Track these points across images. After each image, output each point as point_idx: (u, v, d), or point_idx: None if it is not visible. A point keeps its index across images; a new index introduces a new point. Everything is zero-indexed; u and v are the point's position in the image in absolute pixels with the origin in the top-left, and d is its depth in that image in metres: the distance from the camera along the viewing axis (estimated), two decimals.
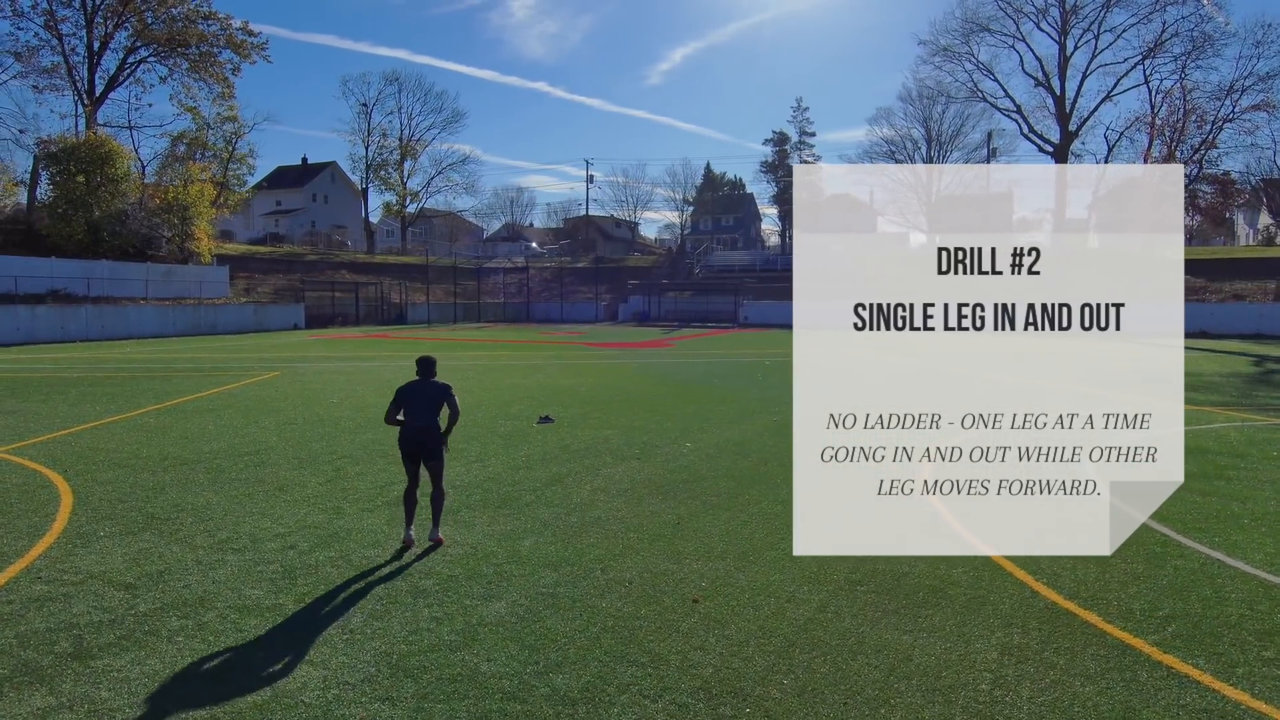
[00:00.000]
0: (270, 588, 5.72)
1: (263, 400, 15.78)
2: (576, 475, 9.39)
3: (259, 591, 5.65)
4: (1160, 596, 5.68)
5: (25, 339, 33.99)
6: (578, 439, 11.69)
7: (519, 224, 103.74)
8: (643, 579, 5.95)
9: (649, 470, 9.66)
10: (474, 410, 14.46)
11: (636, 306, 62.41)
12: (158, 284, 42.66)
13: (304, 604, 5.42)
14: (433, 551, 6.57)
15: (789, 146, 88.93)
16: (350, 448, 10.97)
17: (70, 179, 40.37)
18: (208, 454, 10.50)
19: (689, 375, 21.03)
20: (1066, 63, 54.78)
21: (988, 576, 6.06)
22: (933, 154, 79.84)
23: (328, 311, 52.86)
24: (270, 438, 11.70)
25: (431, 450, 6.57)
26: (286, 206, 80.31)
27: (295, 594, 5.61)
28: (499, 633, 4.99)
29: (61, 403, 15.38)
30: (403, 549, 6.57)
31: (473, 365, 23.92)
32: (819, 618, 5.28)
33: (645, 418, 13.66)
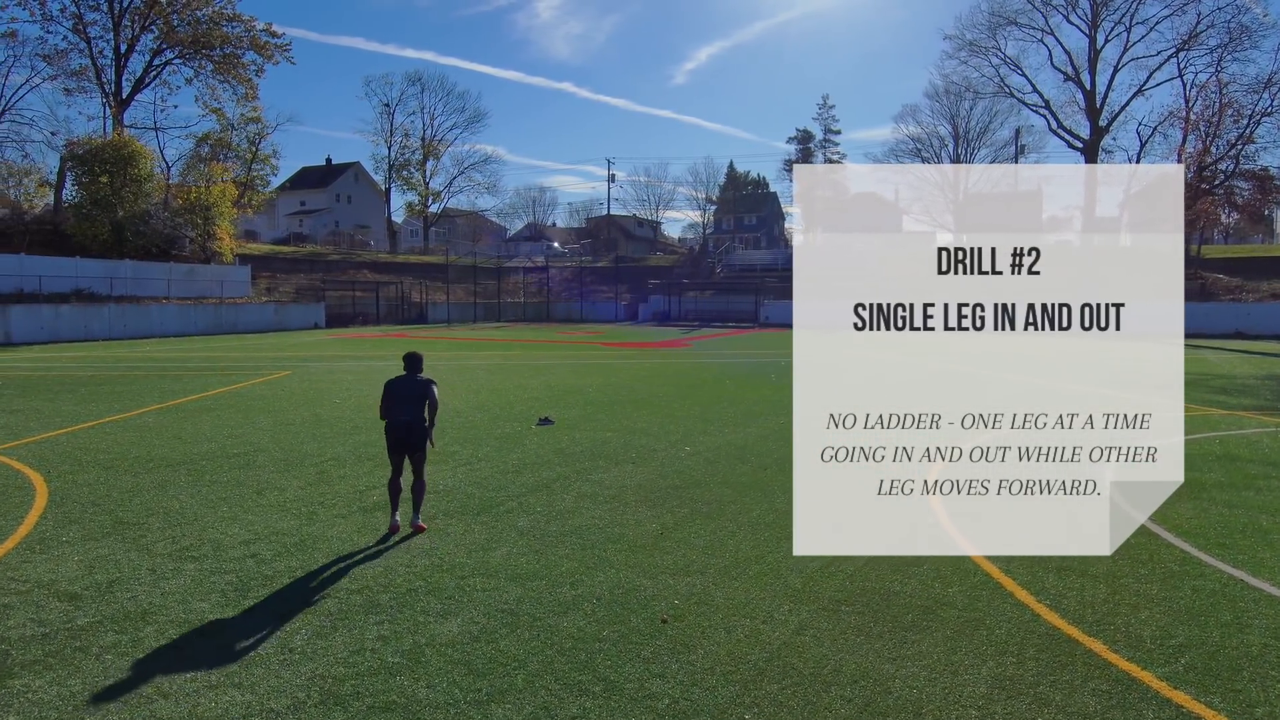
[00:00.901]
0: (219, 600, 5.44)
1: (266, 400, 15.65)
2: (565, 480, 9.05)
3: (206, 604, 5.37)
4: (1174, 622, 5.20)
5: (49, 338, 34.43)
6: (575, 442, 11.36)
7: (541, 224, 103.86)
8: (612, 595, 5.59)
9: (641, 475, 9.29)
10: (474, 412, 14.19)
11: (657, 306, 62.02)
12: (180, 283, 43.10)
13: (250, 619, 5.13)
14: (413, 538, 6.87)
15: (813, 144, 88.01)
16: (341, 449, 10.73)
17: (95, 180, 40.89)
18: (195, 455, 10.31)
19: (701, 376, 20.62)
20: (1097, 56, 53.44)
21: (985, 596, 5.61)
22: (960, 152, 78.52)
23: (348, 311, 53.11)
24: (263, 438, 11.50)
25: (416, 443, 6.98)
26: (311, 206, 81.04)
27: (243, 607, 5.32)
28: (446, 655, 4.65)
29: (67, 401, 15.36)
30: (388, 534, 6.98)
31: (483, 365, 23.71)
32: (795, 642, 4.88)
33: (648, 420, 13.29)
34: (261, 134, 57.13)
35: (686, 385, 18.53)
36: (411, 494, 7.17)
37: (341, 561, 6.26)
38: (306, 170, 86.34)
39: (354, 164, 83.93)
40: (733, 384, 18.76)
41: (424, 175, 77.57)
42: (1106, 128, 53.89)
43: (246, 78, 54.23)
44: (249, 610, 5.29)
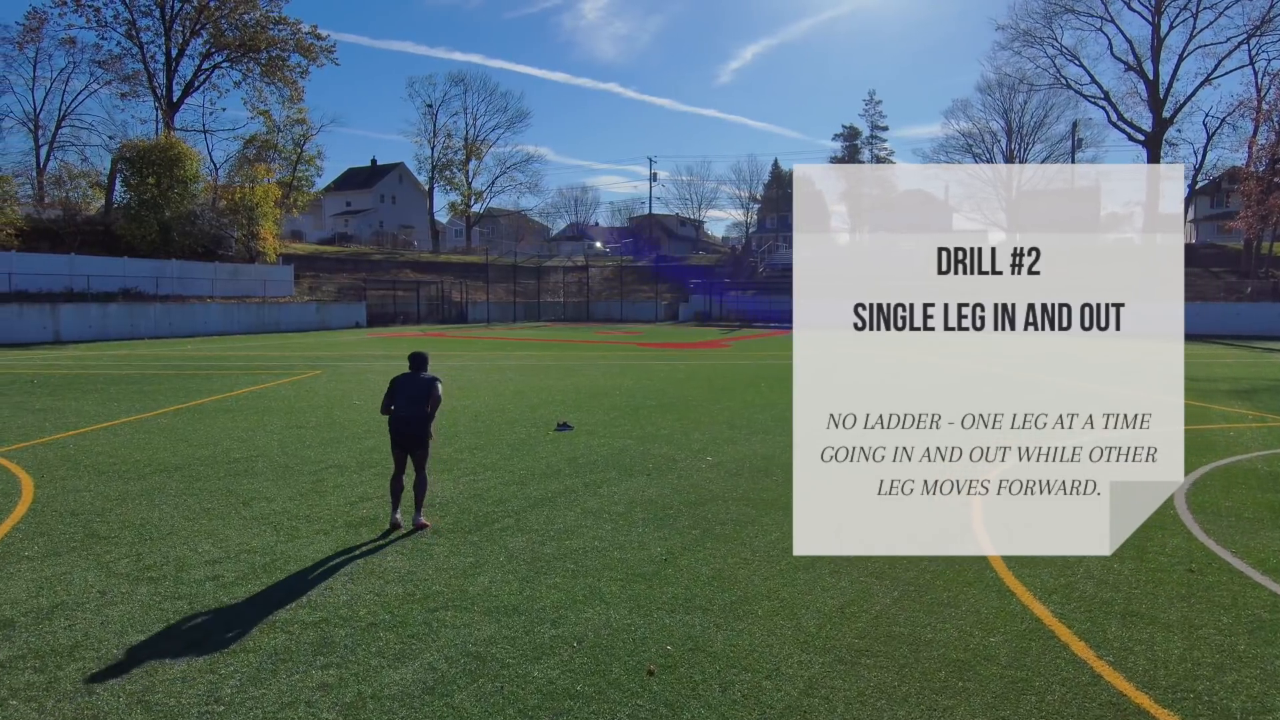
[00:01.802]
0: (160, 632, 4.90)
1: (287, 400, 15.33)
2: (572, 494, 8.39)
3: (143, 637, 4.82)
4: (1271, 689, 4.29)
5: (96, 335, 35.14)
6: (591, 449, 10.70)
7: (585, 223, 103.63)
8: (597, 636, 4.89)
9: (655, 489, 8.57)
10: (493, 414, 13.64)
11: (698, 306, 61.14)
12: (224, 283, 43.72)
13: (183, 657, 4.56)
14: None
15: (860, 141, 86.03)
16: (344, 456, 10.24)
17: (143, 181, 41.69)
18: (195, 460, 9.92)
19: (735, 378, 19.79)
20: (1160, 44, 50.81)
21: (1034, 649, 4.76)
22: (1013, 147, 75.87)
23: (389, 310, 53.39)
24: (269, 442, 11.10)
25: (419, 440, 7.01)
26: (356, 207, 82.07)
27: (183, 642, 4.76)
28: (389, 711, 4.00)
29: (91, 402, 15.26)
30: (389, 530, 7.02)
31: (514, 365, 23.23)
32: (802, 705, 4.11)
33: (672, 425, 12.56)
34: (306, 135, 57.85)
35: (719, 388, 17.74)
36: (414, 491, 7.15)
37: (308, 586, 5.69)
38: (352, 171, 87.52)
39: (398, 165, 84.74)
40: (767, 386, 17.90)
41: (466, 175, 77.97)
42: (1171, 119, 51.22)
43: (291, 80, 54.99)
44: (187, 645, 4.72)
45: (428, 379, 7.12)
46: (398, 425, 6.97)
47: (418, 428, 6.95)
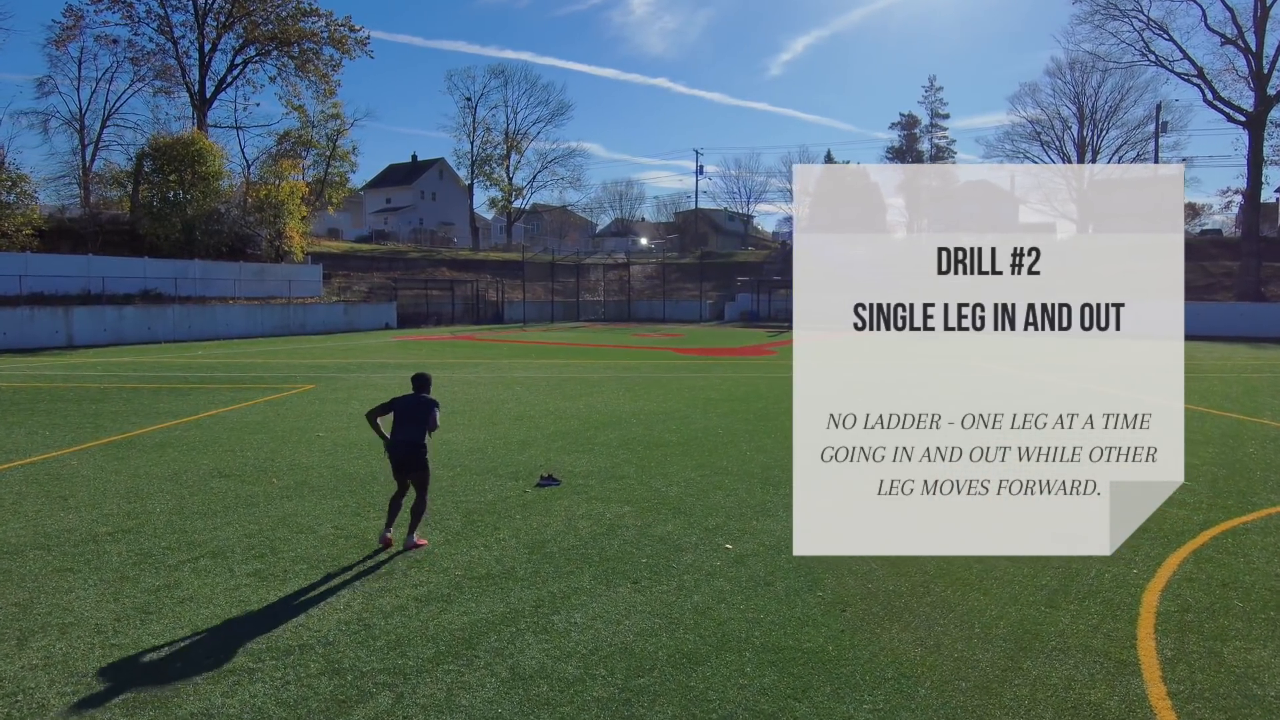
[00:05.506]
0: None
1: (238, 432, 12.83)
2: (511, 626, 5.55)
3: None
4: None
5: (112, 340, 33.72)
6: (570, 526, 7.86)
7: (629, 218, 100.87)
8: None
9: (638, 619, 5.67)
10: (470, 456, 10.91)
11: (744, 304, 57.91)
12: (248, 283, 42.20)
13: None
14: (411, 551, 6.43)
15: (919, 130, 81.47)
16: (232, 536, 7.56)
17: (164, 178, 40.37)
18: (39, 539, 7.39)
19: (777, 397, 16.68)
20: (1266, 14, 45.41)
21: None
22: (1085, 134, 70.45)
23: (422, 310, 51.50)
24: (157, 507, 8.52)
25: (419, 463, 6.98)
26: (396, 204, 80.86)
27: None
28: None
29: (26, 429, 13.08)
30: (380, 548, 6.94)
31: (529, 378, 20.50)
32: None
33: (689, 477, 9.66)
34: (341, 130, 56.37)
35: (756, 413, 14.73)
36: (411, 513, 7.09)
37: None
38: (393, 168, 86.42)
39: (438, 160, 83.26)
40: None
41: (506, 170, 75.90)
42: (1277, 96, 45.86)
43: (324, 73, 53.50)
44: None
45: (427, 401, 7.14)
46: (396, 448, 6.93)
47: (417, 450, 6.93)
